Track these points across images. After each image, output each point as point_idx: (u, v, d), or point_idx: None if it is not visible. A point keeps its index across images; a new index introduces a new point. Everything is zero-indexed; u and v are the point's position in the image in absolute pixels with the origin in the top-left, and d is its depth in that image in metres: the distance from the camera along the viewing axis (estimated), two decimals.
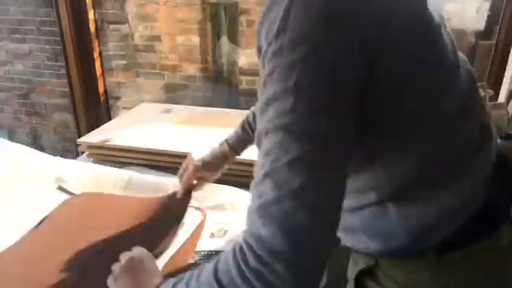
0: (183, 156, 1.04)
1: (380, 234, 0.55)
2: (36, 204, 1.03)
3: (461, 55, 0.59)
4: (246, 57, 2.66)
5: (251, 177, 0.47)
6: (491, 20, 2.10)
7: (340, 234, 0.59)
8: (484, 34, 2.19)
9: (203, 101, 2.83)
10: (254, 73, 2.64)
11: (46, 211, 1.00)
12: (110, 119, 2.91)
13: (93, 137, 1.38)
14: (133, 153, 1.29)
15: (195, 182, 0.99)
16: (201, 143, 1.20)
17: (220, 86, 2.78)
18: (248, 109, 0.99)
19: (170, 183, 1.12)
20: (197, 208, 1.01)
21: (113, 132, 1.40)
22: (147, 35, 2.77)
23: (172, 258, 0.83)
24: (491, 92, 1.25)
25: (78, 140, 1.37)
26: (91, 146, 1.34)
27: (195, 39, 2.69)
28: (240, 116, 0.99)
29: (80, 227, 0.95)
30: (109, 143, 1.31)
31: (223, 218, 0.99)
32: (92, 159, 1.34)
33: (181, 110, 1.84)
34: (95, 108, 2.77)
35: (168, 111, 1.76)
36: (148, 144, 1.30)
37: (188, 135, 1.40)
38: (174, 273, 0.79)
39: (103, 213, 0.99)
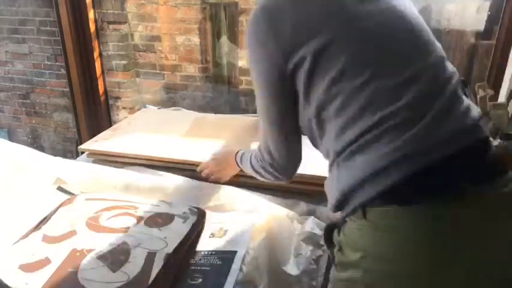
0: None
1: (329, 194, 0.70)
2: (36, 204, 1.03)
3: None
4: (246, 57, 2.66)
5: (249, 176, 0.52)
6: (491, 20, 2.10)
7: None
8: (484, 34, 2.19)
9: (203, 101, 2.83)
10: None
11: (46, 211, 1.00)
12: (109, 118, 2.91)
13: (95, 144, 1.37)
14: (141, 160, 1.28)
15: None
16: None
17: (220, 86, 2.78)
18: (248, 109, 1.05)
19: (170, 184, 1.12)
20: (197, 208, 1.01)
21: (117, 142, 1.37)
22: (147, 35, 2.77)
23: (171, 258, 0.83)
24: (491, 92, 1.25)
25: (81, 147, 1.36)
26: (95, 153, 1.33)
27: (195, 39, 2.70)
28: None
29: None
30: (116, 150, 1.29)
31: (223, 218, 0.98)
32: (92, 159, 1.34)
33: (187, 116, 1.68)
34: (95, 108, 2.77)
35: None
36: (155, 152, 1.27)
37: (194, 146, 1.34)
38: (173, 273, 0.80)
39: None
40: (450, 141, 0.60)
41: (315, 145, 0.77)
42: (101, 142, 1.36)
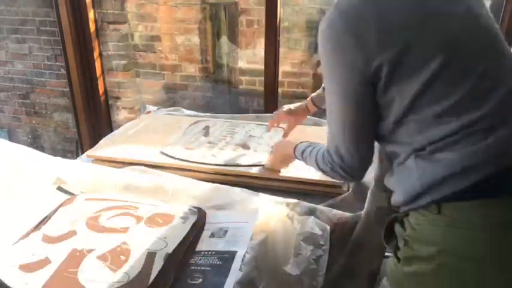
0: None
1: (401, 187, 0.72)
2: (35, 204, 1.03)
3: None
4: (246, 57, 2.66)
5: (249, 176, 0.52)
6: None
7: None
8: None
9: (203, 100, 2.83)
10: (254, 73, 2.64)
11: (46, 211, 1.00)
12: (109, 118, 2.91)
13: (102, 150, 1.37)
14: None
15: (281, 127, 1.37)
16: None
17: (220, 86, 2.78)
18: (248, 109, 1.06)
19: (170, 184, 1.12)
20: (197, 208, 1.01)
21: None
22: (147, 35, 2.77)
23: (171, 258, 0.83)
24: None
25: (88, 153, 1.35)
26: (101, 159, 1.33)
27: (195, 39, 2.70)
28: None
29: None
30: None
31: (223, 218, 0.98)
32: (92, 159, 1.33)
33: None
34: (95, 108, 2.77)
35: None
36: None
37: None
38: (173, 273, 0.80)
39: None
40: None
41: (381, 140, 0.78)
42: (110, 149, 1.36)
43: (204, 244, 0.90)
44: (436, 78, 0.65)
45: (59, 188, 1.12)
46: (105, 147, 1.38)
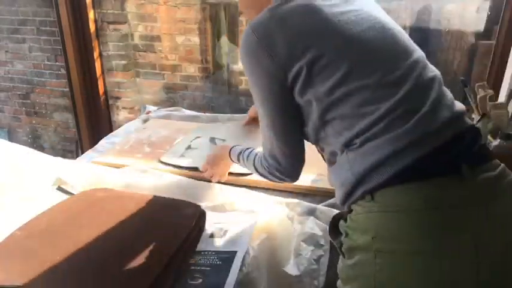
0: None
1: (338, 182, 0.74)
2: (35, 205, 1.03)
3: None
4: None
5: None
6: (491, 20, 2.10)
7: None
8: (484, 34, 2.19)
9: (203, 101, 2.83)
10: None
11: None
12: (109, 119, 2.91)
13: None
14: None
15: None
16: None
17: (220, 86, 2.79)
18: (248, 109, 1.18)
19: (171, 184, 1.12)
20: (196, 207, 1.01)
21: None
22: (147, 35, 2.77)
23: (171, 257, 0.83)
24: (491, 92, 1.25)
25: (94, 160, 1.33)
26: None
27: (195, 39, 2.70)
28: None
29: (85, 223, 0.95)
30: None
31: (223, 218, 0.99)
32: (91, 159, 1.34)
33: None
34: (95, 108, 2.77)
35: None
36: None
37: None
38: (173, 273, 0.80)
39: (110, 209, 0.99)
40: (449, 126, 0.68)
41: (316, 141, 0.82)
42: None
43: (204, 244, 0.90)
44: (345, 79, 0.71)
45: (59, 188, 1.12)
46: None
